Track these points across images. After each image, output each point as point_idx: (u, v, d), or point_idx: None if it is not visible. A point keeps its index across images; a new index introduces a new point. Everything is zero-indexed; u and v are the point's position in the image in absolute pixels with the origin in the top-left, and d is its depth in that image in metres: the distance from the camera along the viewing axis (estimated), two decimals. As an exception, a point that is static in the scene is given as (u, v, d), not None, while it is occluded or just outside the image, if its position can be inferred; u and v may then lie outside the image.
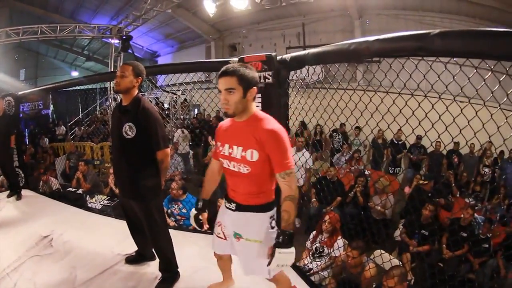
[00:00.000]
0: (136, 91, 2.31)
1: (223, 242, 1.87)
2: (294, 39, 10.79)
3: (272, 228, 1.69)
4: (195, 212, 1.95)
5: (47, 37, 10.42)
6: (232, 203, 1.74)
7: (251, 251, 1.69)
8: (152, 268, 2.54)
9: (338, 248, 3.56)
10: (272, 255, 1.51)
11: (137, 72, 2.27)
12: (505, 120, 1.84)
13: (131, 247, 2.70)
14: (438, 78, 1.80)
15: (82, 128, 11.17)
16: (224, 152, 1.70)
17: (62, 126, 11.05)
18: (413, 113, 2.00)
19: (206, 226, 1.96)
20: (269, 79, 2.47)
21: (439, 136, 1.93)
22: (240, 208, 1.72)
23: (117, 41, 11.23)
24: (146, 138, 2.21)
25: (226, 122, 1.78)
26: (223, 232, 1.86)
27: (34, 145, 8.83)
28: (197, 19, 11.98)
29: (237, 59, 2.62)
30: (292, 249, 1.52)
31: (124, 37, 10.57)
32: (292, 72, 2.62)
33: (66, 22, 11.08)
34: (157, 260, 2.46)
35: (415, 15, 8.89)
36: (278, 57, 2.51)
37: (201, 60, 3.04)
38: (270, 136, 1.55)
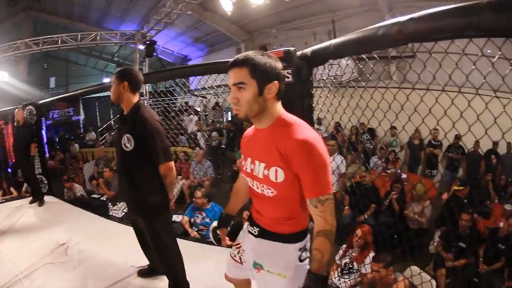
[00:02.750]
0: (134, 99, 2.12)
1: (238, 266, 1.56)
2: (326, 38, 10.32)
3: (301, 261, 1.35)
4: (215, 225, 1.72)
5: (68, 46, 10.61)
6: (255, 227, 1.40)
7: (273, 285, 1.36)
8: (165, 283, 2.39)
9: (368, 264, 3.23)
10: None
11: (119, 78, 2.08)
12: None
13: (146, 259, 2.58)
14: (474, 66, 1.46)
15: (113, 133, 11.19)
16: (246, 168, 1.37)
17: (92, 132, 11.33)
18: (445, 112, 1.72)
19: (225, 243, 1.65)
20: (288, 77, 2.18)
21: (481, 138, 1.64)
22: (263, 234, 1.37)
23: (142, 46, 11.34)
24: (146, 150, 2.02)
25: (250, 129, 1.43)
26: (240, 257, 1.55)
27: (64, 151, 9.06)
28: (225, 21, 11.87)
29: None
30: None
31: (147, 42, 10.64)
32: (325, 71, 2.34)
33: (92, 30, 11.28)
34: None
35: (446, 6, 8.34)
36: (298, 52, 2.22)
37: (215, 61, 2.80)
38: (298, 148, 1.16)
